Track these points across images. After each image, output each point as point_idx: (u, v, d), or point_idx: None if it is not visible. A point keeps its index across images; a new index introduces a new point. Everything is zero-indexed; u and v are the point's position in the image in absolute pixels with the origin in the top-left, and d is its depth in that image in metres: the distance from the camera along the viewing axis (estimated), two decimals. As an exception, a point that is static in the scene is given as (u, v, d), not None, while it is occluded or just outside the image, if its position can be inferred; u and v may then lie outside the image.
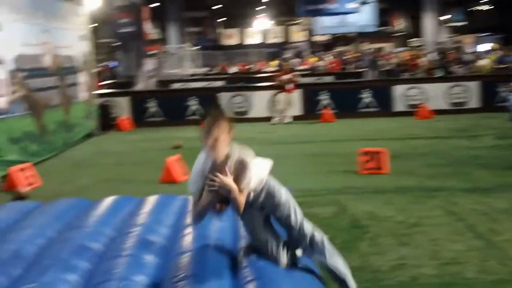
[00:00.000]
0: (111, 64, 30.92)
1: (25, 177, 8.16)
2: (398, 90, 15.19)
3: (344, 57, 29.91)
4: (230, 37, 45.80)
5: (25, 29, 10.15)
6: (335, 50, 35.53)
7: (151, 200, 4.77)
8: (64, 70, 12.04)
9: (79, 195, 6.33)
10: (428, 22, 31.33)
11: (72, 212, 4.54)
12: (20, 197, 7.06)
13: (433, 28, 31.20)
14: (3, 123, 9.08)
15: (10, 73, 9.48)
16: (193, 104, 15.23)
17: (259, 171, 3.29)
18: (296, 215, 3.36)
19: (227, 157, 3.18)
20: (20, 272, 3.35)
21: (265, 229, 3.36)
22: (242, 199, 3.18)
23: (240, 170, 3.18)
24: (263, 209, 3.35)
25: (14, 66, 9.65)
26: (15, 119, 9.58)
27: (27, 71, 10.13)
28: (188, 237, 3.74)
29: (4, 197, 7.17)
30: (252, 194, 3.27)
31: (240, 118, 15.03)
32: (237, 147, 3.25)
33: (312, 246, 3.37)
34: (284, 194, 3.35)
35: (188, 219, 3.94)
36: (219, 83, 21.29)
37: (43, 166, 9.66)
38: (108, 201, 4.83)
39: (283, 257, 3.33)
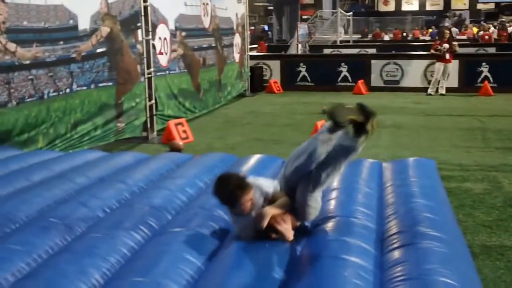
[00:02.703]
0: (264, 28, 31.42)
1: (180, 131, 8.63)
2: None
3: (508, 28, 27.66)
4: (386, 3, 44.36)
5: (187, -10, 10.60)
6: (499, 20, 32.99)
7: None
8: (220, 31, 12.45)
9: (229, 152, 6.58)
10: None
11: (221, 165, 4.71)
12: (177, 149, 7.43)
13: None
14: (163, 80, 9.62)
15: (171, 32, 9.98)
16: (344, 70, 15.04)
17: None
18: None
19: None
20: (170, 218, 3.57)
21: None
22: (274, 210, 3.08)
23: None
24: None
25: (176, 25, 10.14)
26: (173, 76, 10.10)
27: (187, 30, 10.60)
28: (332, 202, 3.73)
29: (161, 149, 7.66)
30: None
31: (392, 87, 14.62)
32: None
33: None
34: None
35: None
36: (371, 51, 20.80)
37: (196, 123, 10.14)
38: (256, 158, 4.95)
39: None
